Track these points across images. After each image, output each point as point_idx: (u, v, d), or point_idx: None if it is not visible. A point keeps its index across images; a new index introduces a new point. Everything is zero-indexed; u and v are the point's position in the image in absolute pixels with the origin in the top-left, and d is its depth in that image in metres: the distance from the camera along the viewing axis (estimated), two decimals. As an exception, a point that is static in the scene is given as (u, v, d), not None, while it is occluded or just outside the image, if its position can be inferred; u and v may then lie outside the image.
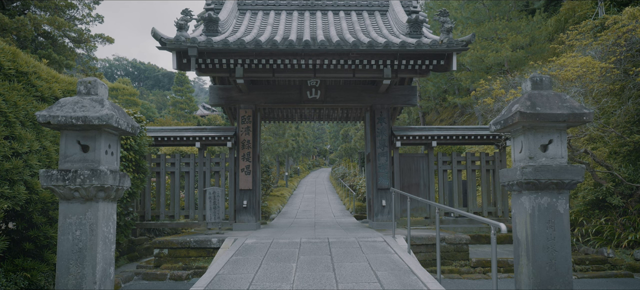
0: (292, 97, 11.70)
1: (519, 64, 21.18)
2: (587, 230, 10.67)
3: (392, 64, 9.78)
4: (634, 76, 10.95)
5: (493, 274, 4.23)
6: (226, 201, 11.92)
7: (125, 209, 9.19)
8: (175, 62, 9.62)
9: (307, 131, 48.89)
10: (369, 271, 6.18)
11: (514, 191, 4.45)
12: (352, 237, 9.15)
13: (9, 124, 5.50)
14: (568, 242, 4.23)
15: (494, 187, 11.70)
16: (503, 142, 11.56)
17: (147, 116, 39.03)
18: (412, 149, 22.38)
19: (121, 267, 9.46)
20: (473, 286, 8.14)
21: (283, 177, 36.14)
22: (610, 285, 8.25)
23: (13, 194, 5.20)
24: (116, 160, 4.39)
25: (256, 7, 12.54)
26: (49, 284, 5.63)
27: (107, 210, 4.22)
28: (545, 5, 26.98)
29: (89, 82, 4.14)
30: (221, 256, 7.55)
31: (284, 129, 33.40)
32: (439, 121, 32.26)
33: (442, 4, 28.78)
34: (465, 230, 11.21)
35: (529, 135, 4.24)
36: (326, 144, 70.30)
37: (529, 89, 4.36)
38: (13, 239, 5.67)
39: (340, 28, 11.20)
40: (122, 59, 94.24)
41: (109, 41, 23.73)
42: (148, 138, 9.76)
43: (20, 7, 20.67)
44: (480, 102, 15.62)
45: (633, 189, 10.56)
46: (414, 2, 12.29)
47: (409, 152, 19.68)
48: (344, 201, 23.96)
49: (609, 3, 17.42)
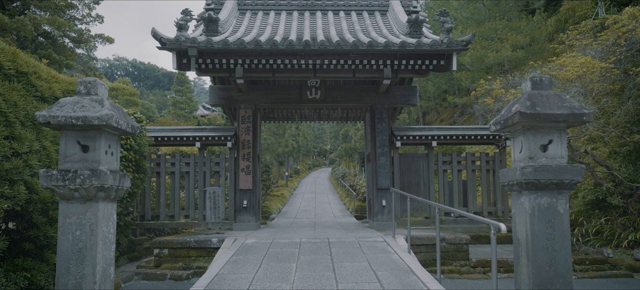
0: (292, 97, 11.70)
1: (519, 64, 21.18)
2: (587, 230, 10.67)
3: (392, 64, 9.78)
4: (634, 76, 10.95)
5: (493, 274, 4.23)
6: (226, 201, 11.93)
7: (125, 209, 9.19)
8: (175, 62, 9.62)
9: (307, 131, 48.88)
10: (369, 271, 6.18)
11: (514, 191, 4.45)
12: (352, 237, 9.15)
13: (9, 124, 5.50)
14: (568, 242, 4.23)
15: (494, 187, 11.71)
16: (503, 142, 11.56)
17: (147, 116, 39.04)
18: (412, 149, 22.38)
19: (121, 267, 9.46)
20: (473, 286, 8.14)
21: (283, 177, 36.15)
22: (610, 285, 8.25)
23: (13, 194, 5.20)
24: (116, 160, 4.39)
25: (256, 7, 12.54)
26: (49, 284, 5.63)
27: (107, 210, 4.22)
28: (545, 5, 26.97)
29: (89, 82, 4.14)
30: (221, 256, 7.55)
31: (284, 129, 33.40)
32: (439, 121, 32.25)
33: (442, 4, 28.78)
34: (465, 230, 11.21)
35: (529, 135, 4.24)
36: (326, 144, 70.33)
37: (528, 89, 4.36)
38: (13, 239, 5.67)
39: (340, 28, 11.20)
40: (122, 59, 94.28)
41: (109, 41, 23.73)
42: (148, 138, 9.76)
43: (20, 7, 20.67)
44: (480, 102, 15.62)
45: (633, 189, 10.56)
46: (414, 2, 12.29)
47: (409, 152, 19.67)
48: (344, 201, 23.96)
49: (609, 3, 17.42)
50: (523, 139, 4.33)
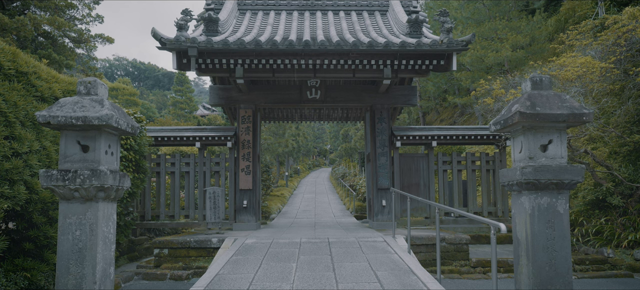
0: (292, 97, 11.70)
1: (519, 64, 21.18)
2: (587, 230, 10.67)
3: (392, 64, 9.78)
4: (634, 76, 10.95)
5: (493, 274, 4.23)
6: (226, 201, 11.93)
7: (125, 209, 9.19)
8: (175, 62, 9.62)
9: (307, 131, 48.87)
10: (369, 271, 6.18)
11: (514, 191, 4.45)
12: (352, 237, 9.15)
13: (9, 124, 5.51)
14: (568, 242, 4.23)
15: (494, 187, 11.71)
16: (503, 142, 11.56)
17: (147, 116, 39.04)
18: (412, 149, 22.38)
19: (121, 267, 9.46)
20: (473, 286, 8.14)
21: (283, 177, 36.14)
22: (610, 285, 8.25)
23: (13, 194, 5.20)
24: (116, 160, 4.39)
25: (256, 7, 12.54)
26: (49, 284, 5.63)
27: (107, 210, 4.22)
28: (545, 5, 26.97)
29: (89, 82, 4.14)
30: (221, 256, 7.55)
31: (284, 129, 33.40)
32: (439, 121, 32.25)
33: (442, 4, 28.78)
34: (465, 230, 11.21)
35: (529, 135, 4.24)
36: (326, 144, 70.33)
37: (528, 89, 4.36)
38: (13, 239, 5.67)
39: (340, 28, 11.20)
40: (122, 59, 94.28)
41: (109, 41, 23.73)
42: (148, 138, 9.76)
43: (20, 7, 20.67)
44: (480, 102, 15.62)
45: (633, 189, 10.56)
46: (414, 2, 12.29)
47: (409, 152, 19.67)
48: (344, 201, 23.96)
49: (609, 3, 17.42)
50: (523, 139, 4.33)
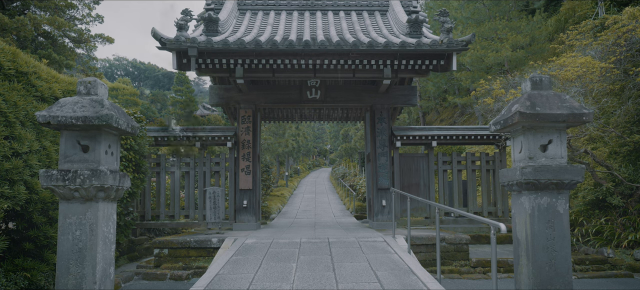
0: (292, 97, 11.70)
1: (519, 64, 21.18)
2: (587, 230, 10.67)
3: (392, 64, 9.78)
4: (634, 76, 10.95)
5: (493, 274, 4.23)
6: (226, 201, 11.93)
7: (125, 209, 9.19)
8: (175, 62, 9.62)
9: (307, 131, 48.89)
10: (369, 271, 6.18)
11: (514, 191, 4.45)
12: (352, 237, 9.15)
13: (9, 124, 5.51)
14: (568, 242, 4.23)
15: (494, 187, 11.70)
16: (503, 142, 11.56)
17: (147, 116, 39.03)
18: (412, 149, 22.36)
19: (121, 267, 9.46)
20: (473, 286, 8.14)
21: (283, 177, 36.14)
22: (610, 285, 8.25)
23: (13, 194, 5.20)
24: (116, 160, 4.39)
25: (256, 7, 12.54)
26: (49, 284, 5.63)
27: (107, 210, 4.22)
28: (545, 5, 26.98)
29: (89, 82, 4.14)
30: (221, 256, 7.55)
31: (284, 129, 33.40)
32: (439, 121, 32.25)
33: (442, 4, 28.78)
34: (465, 230, 11.21)
35: (529, 136, 4.24)
36: (326, 144, 70.32)
37: (528, 89, 4.36)
38: (13, 239, 5.67)
39: (340, 28, 11.20)
40: (122, 59, 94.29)
41: (109, 41, 23.71)
42: (148, 138, 9.76)
43: (20, 7, 20.66)
44: (480, 102, 15.63)
45: (633, 189, 10.55)
46: (414, 2, 12.29)
47: (409, 152, 19.66)
48: (344, 201, 23.96)
49: (609, 3, 17.42)
50: (523, 139, 4.33)
